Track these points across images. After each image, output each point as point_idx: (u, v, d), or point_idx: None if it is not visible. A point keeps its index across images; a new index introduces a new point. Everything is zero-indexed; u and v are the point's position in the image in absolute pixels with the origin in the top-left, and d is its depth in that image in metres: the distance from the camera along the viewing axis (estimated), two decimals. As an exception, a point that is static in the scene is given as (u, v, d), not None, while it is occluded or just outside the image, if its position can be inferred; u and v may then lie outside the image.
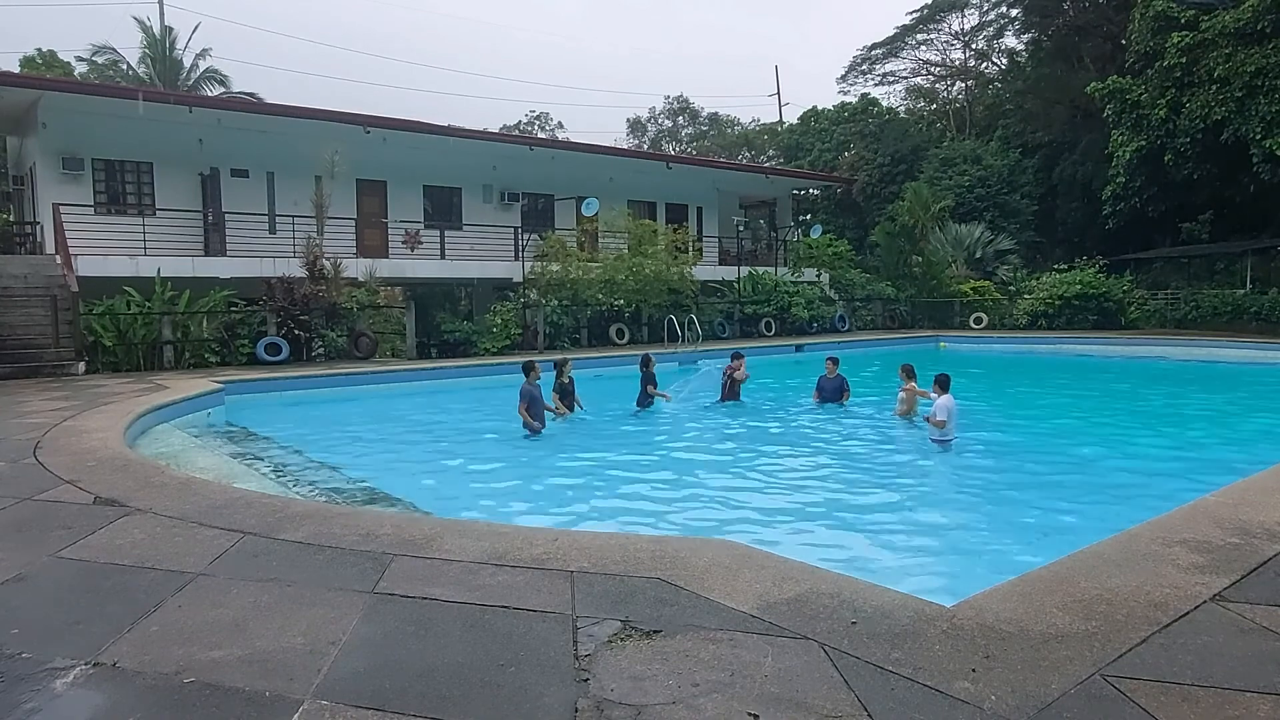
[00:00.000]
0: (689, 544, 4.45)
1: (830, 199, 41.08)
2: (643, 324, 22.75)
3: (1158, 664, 2.94)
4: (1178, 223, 29.28)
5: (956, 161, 35.07)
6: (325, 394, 14.07)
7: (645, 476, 8.78)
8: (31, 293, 15.18)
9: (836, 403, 12.73)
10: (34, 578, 4.01)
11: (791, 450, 10.15)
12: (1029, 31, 38.24)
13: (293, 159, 21.07)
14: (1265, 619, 3.34)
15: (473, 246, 23.57)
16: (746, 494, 7.97)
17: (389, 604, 3.57)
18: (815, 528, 6.83)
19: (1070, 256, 30.03)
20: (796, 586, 3.66)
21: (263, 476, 7.95)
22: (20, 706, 2.74)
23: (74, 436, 7.86)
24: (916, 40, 43.03)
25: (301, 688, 2.81)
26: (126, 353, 15.27)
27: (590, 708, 2.66)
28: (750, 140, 55.39)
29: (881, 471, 9.01)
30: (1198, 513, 4.90)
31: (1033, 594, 3.58)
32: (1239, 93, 23.44)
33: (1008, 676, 2.83)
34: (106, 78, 35.85)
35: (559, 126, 58.15)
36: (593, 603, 3.52)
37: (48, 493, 5.68)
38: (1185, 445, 10.43)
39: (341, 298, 17.56)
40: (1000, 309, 28.09)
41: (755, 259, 31.10)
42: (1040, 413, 13.65)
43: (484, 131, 28.83)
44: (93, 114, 19.02)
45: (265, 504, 5.36)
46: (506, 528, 4.99)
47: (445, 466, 9.41)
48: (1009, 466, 9.21)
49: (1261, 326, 24.10)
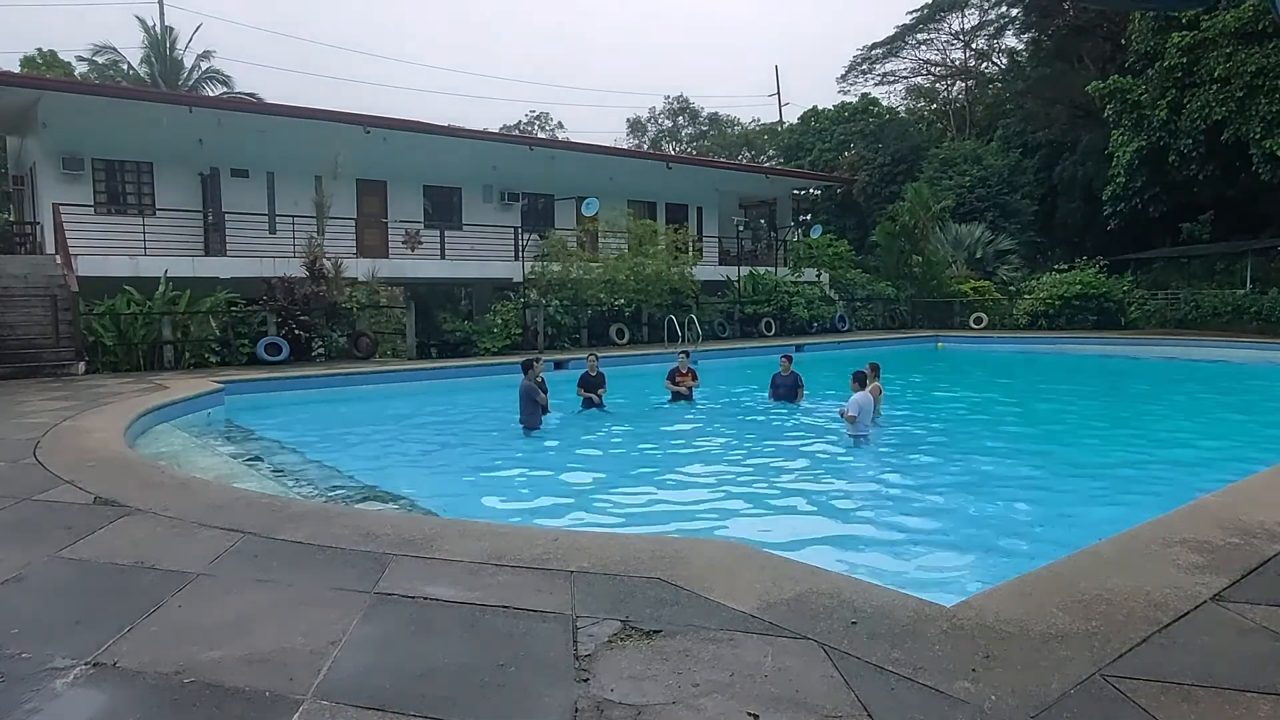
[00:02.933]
0: (689, 544, 4.45)
1: (830, 199, 41.07)
2: (643, 324, 22.75)
3: (1158, 664, 2.94)
4: (1178, 223, 29.27)
5: (957, 161, 35.07)
6: (325, 394, 14.07)
7: (645, 476, 8.78)
8: (31, 293, 15.18)
9: (790, 400, 12.75)
10: (34, 578, 4.02)
11: (792, 450, 10.14)
12: (1029, 31, 38.23)
13: (293, 159, 21.09)
14: (1265, 619, 3.34)
15: (473, 246, 23.57)
16: (746, 494, 7.97)
17: (389, 604, 3.57)
18: (815, 527, 6.82)
19: (1070, 257, 30.03)
20: (796, 586, 3.66)
21: (263, 476, 7.95)
22: (20, 706, 2.74)
23: (74, 436, 7.86)
24: (917, 40, 43.04)
25: (301, 688, 2.81)
26: (126, 353, 15.27)
27: (590, 708, 2.66)
28: (750, 140, 55.37)
29: (882, 471, 9.01)
30: (1198, 513, 4.91)
31: (1033, 594, 3.59)
32: (1239, 92, 23.43)
33: (1008, 676, 2.83)
34: (107, 77, 35.84)
35: (559, 126, 58.17)
36: (593, 603, 3.52)
37: (48, 492, 5.69)
38: (1185, 445, 10.42)
39: (342, 298, 17.57)
40: (1000, 309, 28.09)
41: (755, 259, 31.08)
42: (1040, 413, 13.64)
43: (484, 131, 28.82)
44: (93, 114, 19.02)
45: (265, 504, 5.37)
46: (506, 528, 4.99)
47: (445, 466, 9.41)
48: (1009, 466, 9.21)
49: (1261, 326, 24.09)
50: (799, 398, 12.78)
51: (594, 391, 12.37)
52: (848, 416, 9.97)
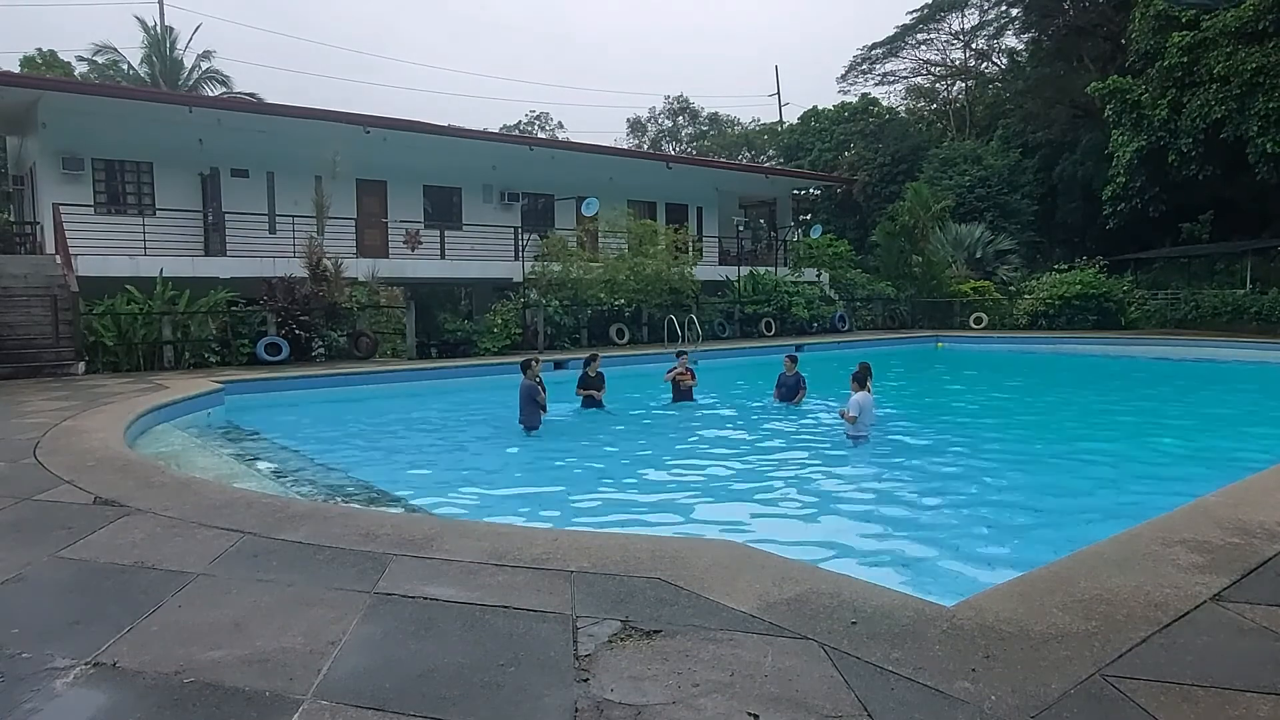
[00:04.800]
0: (689, 544, 4.45)
1: (830, 199, 41.08)
2: (643, 324, 22.75)
3: (1158, 664, 2.94)
4: (1178, 223, 29.27)
5: (957, 161, 35.08)
6: (325, 394, 14.07)
7: (645, 476, 8.78)
8: (31, 293, 15.18)
9: (791, 401, 12.76)
10: (34, 578, 4.01)
11: (792, 450, 10.15)
12: (1029, 31, 38.23)
13: (293, 159, 21.09)
14: (1265, 619, 3.34)
15: (473, 246, 23.59)
16: (746, 494, 7.97)
17: (389, 604, 3.57)
18: (815, 528, 6.83)
19: (1070, 256, 30.04)
20: (796, 586, 3.66)
21: (263, 476, 7.94)
22: (20, 706, 2.74)
23: (74, 436, 7.85)
24: (917, 40, 43.03)
25: (301, 688, 2.81)
26: (126, 352, 15.27)
27: (590, 708, 2.66)
28: (750, 140, 55.40)
29: (881, 472, 9.01)
30: (1198, 513, 4.90)
31: (1033, 594, 3.58)
32: (1239, 91, 23.43)
33: (1008, 676, 2.83)
34: (107, 77, 35.85)
35: (559, 126, 58.21)
36: (593, 603, 3.52)
37: (47, 492, 5.68)
38: (1185, 445, 10.42)
39: (342, 298, 17.57)
40: (1000, 309, 28.09)
41: (755, 259, 31.09)
42: (1040, 413, 13.65)
43: (484, 131, 28.85)
44: (93, 114, 19.03)
45: (265, 504, 5.36)
46: (506, 528, 4.99)
47: (445, 466, 9.40)
48: (1008, 466, 9.20)
49: (1261, 326, 24.08)
50: (799, 398, 12.78)
51: (594, 390, 12.41)
52: (848, 417, 9.99)
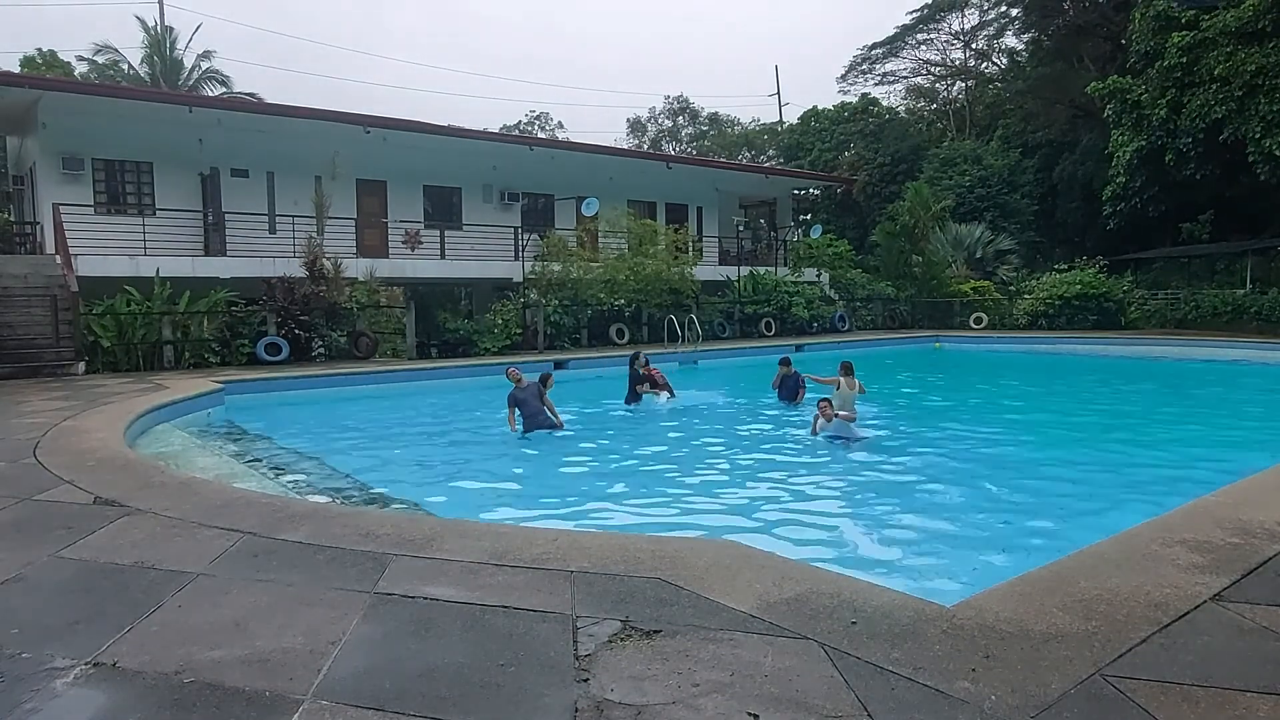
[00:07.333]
0: (689, 544, 4.45)
1: (830, 199, 41.08)
2: (643, 324, 22.76)
3: (1158, 664, 2.94)
4: (1178, 223, 29.28)
5: (957, 161, 35.08)
6: (325, 394, 14.07)
7: (646, 477, 8.77)
8: (31, 293, 15.18)
9: (791, 401, 12.78)
10: (34, 578, 4.01)
11: (792, 450, 10.14)
12: (1029, 31, 38.25)
13: (293, 159, 21.09)
14: (1265, 619, 3.34)
15: (473, 246, 23.58)
16: (746, 494, 7.96)
17: (389, 604, 3.57)
18: (815, 528, 6.82)
19: (1070, 256, 30.04)
20: (796, 586, 3.66)
21: (263, 476, 7.94)
22: (20, 706, 2.74)
23: (74, 436, 7.86)
24: (916, 40, 43.03)
25: (301, 688, 2.81)
26: (126, 353, 15.27)
27: (590, 708, 2.66)
28: (750, 140, 55.41)
29: (882, 472, 9.01)
30: (1198, 513, 4.90)
31: (1033, 594, 3.58)
32: (1239, 91, 23.43)
33: (1008, 676, 2.83)
34: (107, 77, 35.85)
35: (559, 126, 58.20)
36: (593, 603, 3.52)
37: (47, 492, 5.69)
38: (1185, 444, 10.42)
39: (342, 298, 17.57)
40: (1000, 309, 28.10)
41: (755, 259, 31.09)
42: (1040, 412, 13.64)
43: (484, 131, 28.83)
44: (93, 114, 19.02)
45: (265, 504, 5.36)
46: (506, 528, 4.99)
47: (445, 466, 9.39)
48: (1008, 466, 9.20)
49: (1261, 326, 24.08)
50: (801, 398, 12.79)
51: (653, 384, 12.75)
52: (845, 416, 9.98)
